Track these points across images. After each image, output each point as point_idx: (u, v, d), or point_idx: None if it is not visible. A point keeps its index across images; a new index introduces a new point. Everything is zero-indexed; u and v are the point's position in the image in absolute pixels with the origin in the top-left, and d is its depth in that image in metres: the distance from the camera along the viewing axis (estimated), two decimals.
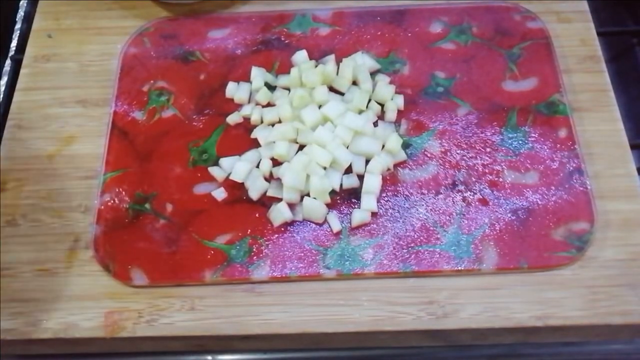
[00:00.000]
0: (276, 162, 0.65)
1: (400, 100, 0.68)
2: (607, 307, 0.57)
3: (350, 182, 0.64)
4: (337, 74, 0.69)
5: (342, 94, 0.68)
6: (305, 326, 0.57)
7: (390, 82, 0.69)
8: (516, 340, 0.60)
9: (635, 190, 0.63)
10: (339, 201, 0.63)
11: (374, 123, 0.66)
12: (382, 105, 0.68)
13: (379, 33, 0.73)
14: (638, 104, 0.80)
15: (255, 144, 0.66)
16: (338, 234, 0.61)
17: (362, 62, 0.70)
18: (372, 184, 0.62)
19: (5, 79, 0.77)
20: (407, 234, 0.61)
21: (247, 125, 0.68)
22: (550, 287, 0.58)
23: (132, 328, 0.58)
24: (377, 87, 0.68)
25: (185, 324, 0.58)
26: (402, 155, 0.65)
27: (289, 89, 0.69)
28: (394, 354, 0.63)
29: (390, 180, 0.64)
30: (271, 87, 0.70)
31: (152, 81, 0.71)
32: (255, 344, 0.60)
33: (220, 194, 0.63)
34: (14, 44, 0.80)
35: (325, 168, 0.63)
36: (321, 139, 0.63)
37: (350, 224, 0.62)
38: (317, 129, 0.64)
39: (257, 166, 0.65)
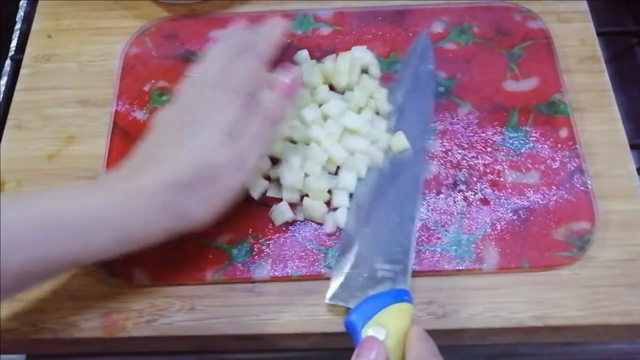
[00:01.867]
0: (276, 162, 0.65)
1: None
2: (607, 307, 0.57)
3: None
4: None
5: (342, 93, 0.68)
6: (305, 326, 0.57)
7: None
8: (516, 340, 0.59)
9: (635, 190, 0.63)
10: None
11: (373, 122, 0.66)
12: None
13: (380, 33, 0.73)
14: (638, 104, 0.80)
15: None
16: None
17: (359, 55, 0.69)
18: None
19: (5, 79, 0.77)
20: None
21: None
22: (551, 287, 0.58)
23: (132, 328, 0.58)
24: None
25: (185, 324, 0.58)
26: None
27: None
28: None
29: None
30: None
31: (153, 81, 0.71)
32: (255, 344, 0.60)
33: None
34: (14, 44, 0.79)
35: (324, 167, 0.63)
36: (319, 138, 0.63)
37: None
38: (315, 128, 0.64)
39: None
